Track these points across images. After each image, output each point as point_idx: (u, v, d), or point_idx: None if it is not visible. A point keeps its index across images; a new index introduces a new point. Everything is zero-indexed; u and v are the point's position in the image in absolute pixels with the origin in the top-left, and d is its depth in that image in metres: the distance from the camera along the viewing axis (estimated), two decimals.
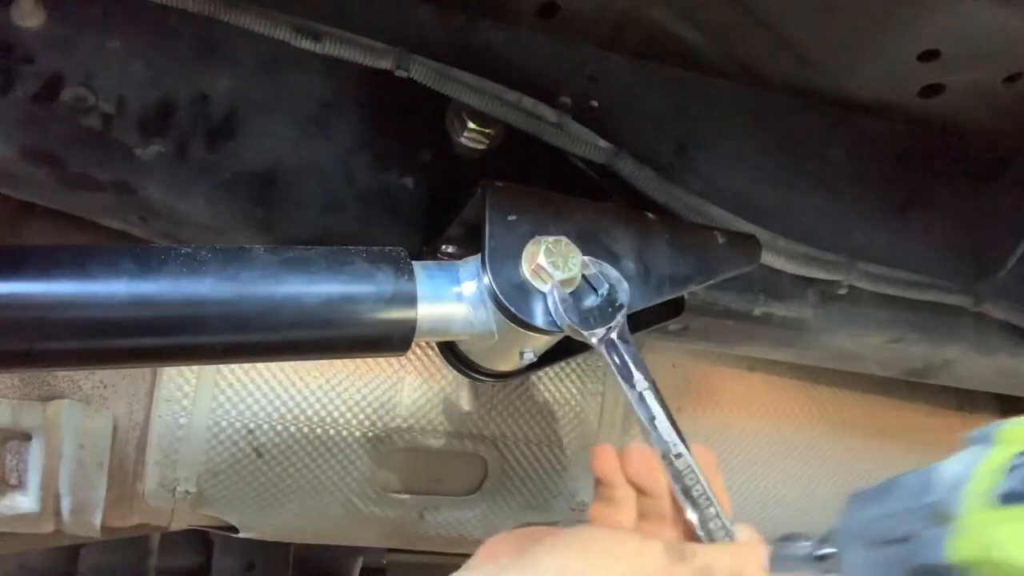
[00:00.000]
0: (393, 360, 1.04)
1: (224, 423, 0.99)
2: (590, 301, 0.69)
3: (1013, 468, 0.54)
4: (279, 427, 1.00)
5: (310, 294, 0.66)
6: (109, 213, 0.79)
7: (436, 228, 0.82)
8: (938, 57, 0.83)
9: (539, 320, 0.68)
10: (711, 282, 0.76)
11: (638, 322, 0.81)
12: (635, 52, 0.87)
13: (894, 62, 0.86)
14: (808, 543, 0.81)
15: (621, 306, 0.69)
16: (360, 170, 0.80)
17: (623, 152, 0.80)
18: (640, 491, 0.70)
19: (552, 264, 0.69)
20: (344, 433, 1.04)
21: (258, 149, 0.77)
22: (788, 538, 0.81)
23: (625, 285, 0.70)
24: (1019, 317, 1.02)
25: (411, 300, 0.68)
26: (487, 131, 0.79)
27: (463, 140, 0.80)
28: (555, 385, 1.12)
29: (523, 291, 0.69)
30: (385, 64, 0.74)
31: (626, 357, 0.69)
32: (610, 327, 0.69)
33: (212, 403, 0.98)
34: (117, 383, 0.96)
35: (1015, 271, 1.00)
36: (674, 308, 0.83)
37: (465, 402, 1.07)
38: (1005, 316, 1.01)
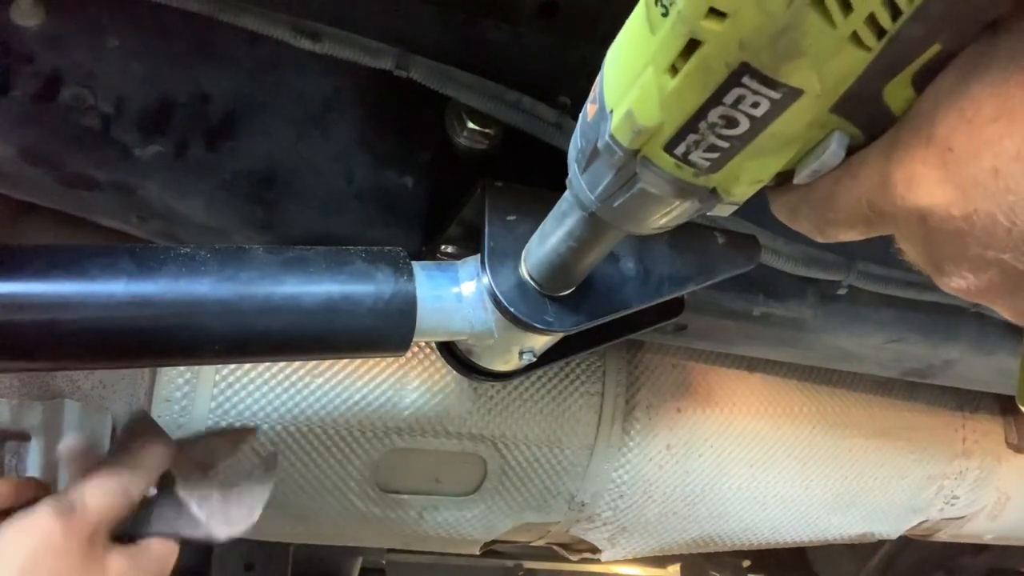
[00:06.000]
0: (393, 360, 1.04)
1: (223, 423, 0.99)
2: None
3: None
4: (278, 427, 1.00)
5: (309, 294, 0.66)
6: (108, 213, 0.79)
7: (435, 228, 0.82)
8: None
9: (538, 320, 0.68)
10: (711, 282, 0.76)
11: (638, 322, 0.81)
12: None
13: None
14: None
15: None
16: (360, 170, 0.80)
17: None
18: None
19: None
20: (344, 433, 1.03)
21: (257, 149, 0.77)
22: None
23: None
24: None
25: (410, 300, 0.68)
26: (487, 131, 0.79)
27: (463, 140, 0.80)
28: (555, 385, 1.12)
29: (522, 291, 0.69)
30: (385, 64, 0.74)
31: None
32: None
33: (211, 403, 0.98)
34: (116, 383, 0.96)
35: None
36: (674, 308, 0.83)
37: (465, 402, 1.07)
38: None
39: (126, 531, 0.73)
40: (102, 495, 0.69)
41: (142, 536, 0.74)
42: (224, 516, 0.77)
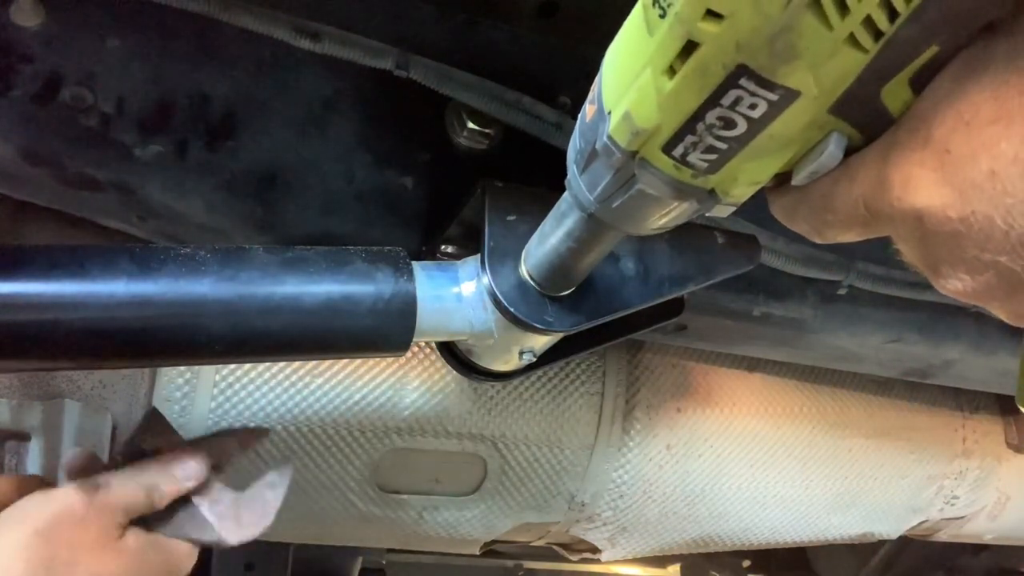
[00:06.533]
0: (393, 360, 1.04)
1: (223, 423, 0.99)
2: None
3: None
4: (278, 427, 1.00)
5: (310, 294, 0.66)
6: (109, 213, 0.79)
7: (435, 228, 0.82)
8: None
9: (538, 320, 0.68)
10: (711, 282, 0.76)
11: (638, 322, 0.81)
12: None
13: None
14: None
15: None
16: (360, 170, 0.80)
17: None
18: None
19: None
20: (344, 433, 1.04)
21: (257, 149, 0.77)
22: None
23: None
24: None
25: (410, 300, 0.68)
26: (487, 131, 0.79)
27: (462, 140, 0.80)
28: (555, 385, 1.12)
29: (522, 291, 0.69)
30: (385, 64, 0.74)
31: None
32: None
33: (211, 403, 0.98)
34: (116, 383, 0.96)
35: None
36: (674, 308, 0.83)
37: (465, 402, 1.07)
38: None
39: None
40: (125, 483, 0.71)
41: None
42: (236, 520, 0.76)
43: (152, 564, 0.70)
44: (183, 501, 0.76)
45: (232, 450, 0.82)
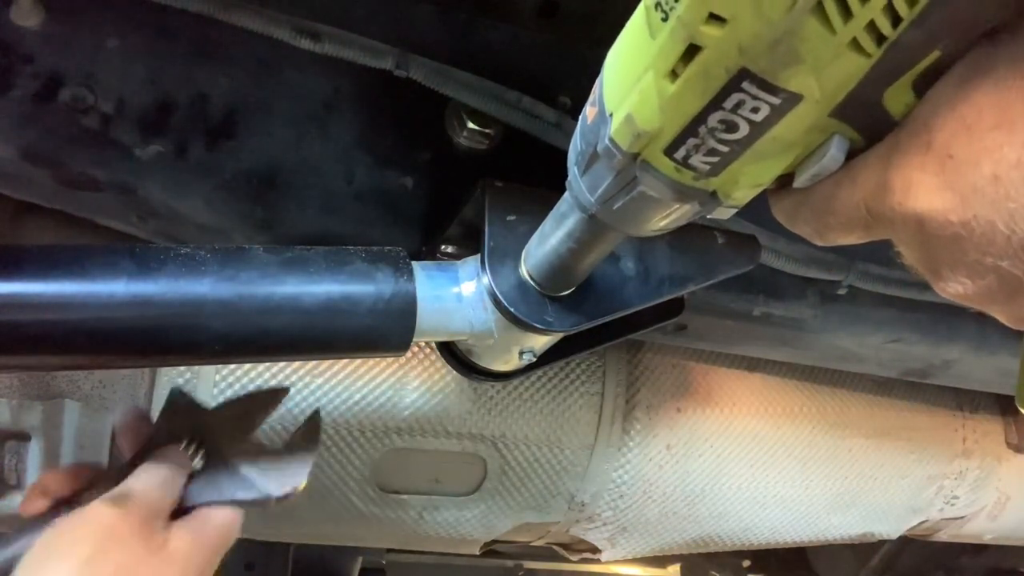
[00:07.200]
0: (393, 360, 1.04)
1: None
2: None
3: None
4: (278, 427, 1.00)
5: (309, 294, 0.66)
6: (109, 213, 0.79)
7: (435, 228, 0.82)
8: None
9: (538, 320, 0.68)
10: (711, 282, 0.76)
11: (638, 322, 0.81)
12: None
13: None
14: None
15: None
16: (359, 170, 0.80)
17: None
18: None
19: None
20: (344, 433, 1.04)
21: (257, 149, 0.77)
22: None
23: None
24: None
25: (410, 300, 0.68)
26: (486, 131, 0.79)
27: (462, 140, 0.80)
28: (555, 385, 1.12)
29: (522, 291, 0.69)
30: (385, 64, 0.74)
31: None
32: None
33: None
34: (116, 383, 0.96)
35: None
36: (674, 308, 0.83)
37: (465, 402, 1.07)
38: None
39: (181, 506, 0.72)
40: (146, 487, 0.70)
41: (198, 507, 0.73)
42: (277, 474, 0.76)
43: (205, 549, 0.69)
44: (220, 466, 0.76)
45: (259, 411, 0.83)
